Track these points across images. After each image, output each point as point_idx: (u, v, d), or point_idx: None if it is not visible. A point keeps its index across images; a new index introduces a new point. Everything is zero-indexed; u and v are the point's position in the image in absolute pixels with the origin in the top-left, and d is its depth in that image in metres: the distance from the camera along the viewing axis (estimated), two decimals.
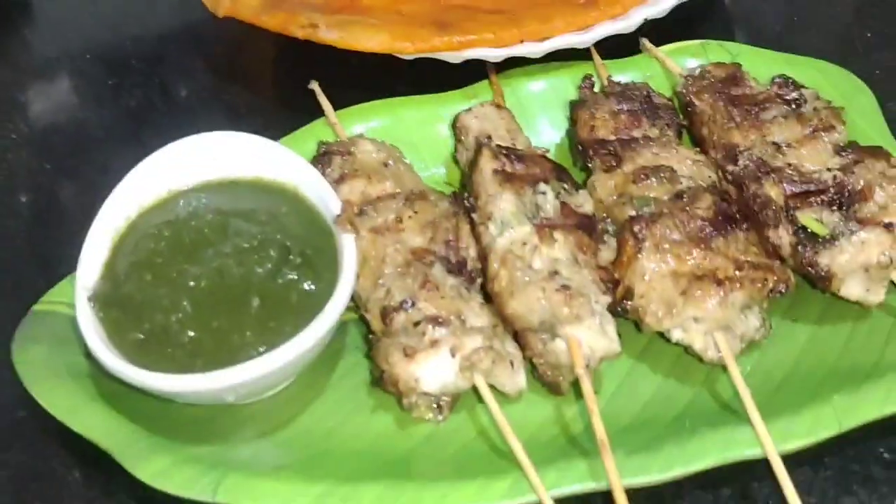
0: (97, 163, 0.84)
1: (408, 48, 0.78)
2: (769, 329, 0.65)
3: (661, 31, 0.82)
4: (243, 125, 0.84)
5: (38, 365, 0.65)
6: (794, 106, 0.72)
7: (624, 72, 0.80)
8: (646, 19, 0.80)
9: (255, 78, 0.92)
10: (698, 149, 0.74)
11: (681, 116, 0.76)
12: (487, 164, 0.68)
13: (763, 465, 0.59)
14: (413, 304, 0.64)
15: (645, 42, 0.81)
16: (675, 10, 0.82)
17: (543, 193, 0.67)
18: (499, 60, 0.79)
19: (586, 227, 0.66)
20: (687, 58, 0.81)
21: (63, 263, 0.74)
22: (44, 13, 1.01)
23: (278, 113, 0.87)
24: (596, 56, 0.80)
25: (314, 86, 0.80)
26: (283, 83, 0.90)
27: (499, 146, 0.70)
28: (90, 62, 0.94)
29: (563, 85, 0.80)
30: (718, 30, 0.90)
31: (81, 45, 0.96)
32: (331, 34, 0.79)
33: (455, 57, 0.78)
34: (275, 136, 0.79)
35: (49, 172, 0.84)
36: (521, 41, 0.78)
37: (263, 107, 0.88)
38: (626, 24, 0.79)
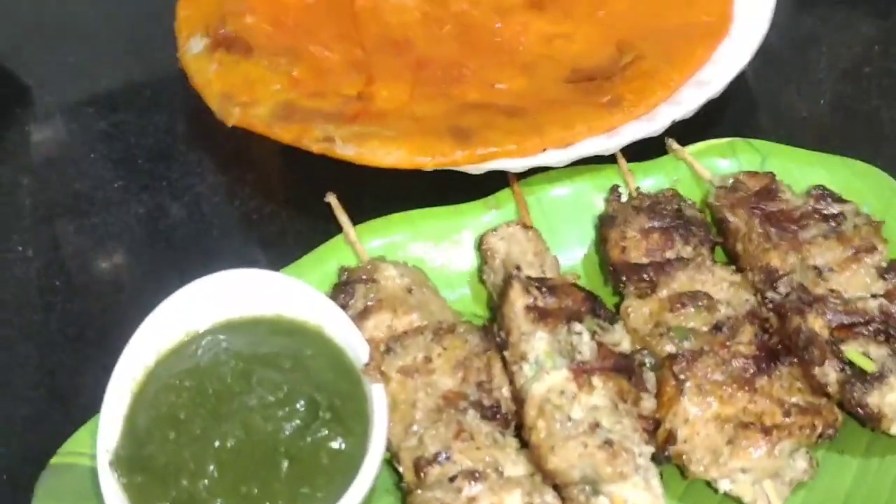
0: (109, 280, 0.82)
1: (427, 163, 0.75)
2: (816, 469, 0.63)
3: (686, 123, 0.79)
4: (258, 233, 0.84)
5: None
6: (833, 223, 0.69)
7: (650, 175, 0.78)
8: (673, 121, 0.77)
9: (268, 179, 0.88)
10: (734, 267, 0.71)
11: (714, 231, 0.73)
12: (519, 300, 0.66)
13: None
14: (448, 457, 0.61)
15: (671, 143, 0.79)
16: None
17: (579, 334, 0.64)
18: (522, 171, 0.76)
19: (625, 369, 0.63)
20: (715, 158, 0.78)
21: (80, 394, 0.73)
22: (43, 102, 0.98)
23: (293, 218, 0.84)
24: (621, 160, 0.77)
25: (331, 199, 0.77)
26: (297, 184, 0.86)
27: (529, 278, 0.67)
28: (95, 161, 0.91)
29: (588, 191, 0.78)
30: (744, 119, 0.86)
31: (85, 140, 0.93)
32: (347, 150, 0.76)
33: (477, 169, 0.76)
34: (291, 247, 0.78)
35: (60, 290, 0.81)
36: (544, 149, 0.76)
37: (277, 210, 0.85)
38: (653, 127, 0.77)
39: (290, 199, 0.86)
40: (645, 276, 0.69)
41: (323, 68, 0.86)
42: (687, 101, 0.78)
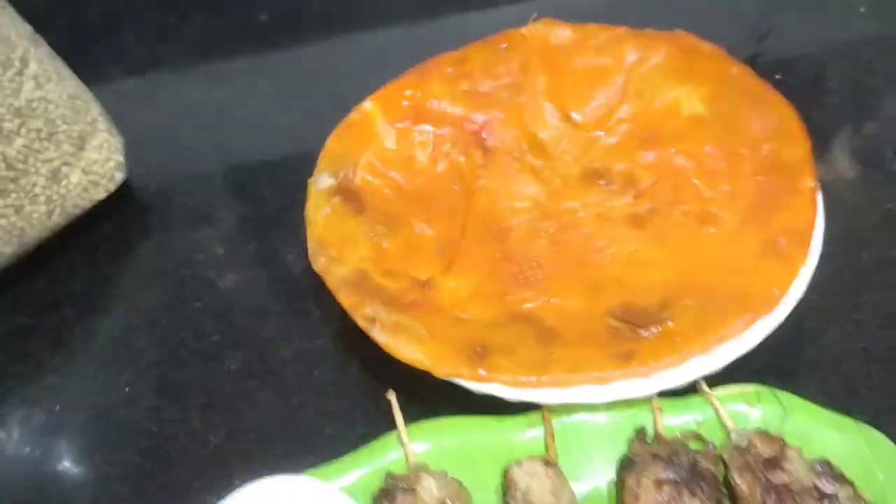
0: (197, 429, 0.93)
1: (437, 371, 0.85)
2: None
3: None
4: (329, 406, 0.94)
5: None
6: (826, 503, 0.76)
7: (679, 413, 0.85)
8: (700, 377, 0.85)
9: (344, 353, 0.97)
10: None
11: (723, 489, 0.81)
12: None
13: None
14: None
15: (701, 384, 0.86)
16: None
17: None
18: (514, 400, 0.84)
19: None
20: (741, 404, 0.85)
21: None
22: (161, 245, 1.10)
23: (360, 399, 0.94)
24: (654, 399, 0.85)
25: (392, 397, 0.87)
26: (368, 370, 0.95)
27: None
28: (198, 310, 1.03)
29: (617, 422, 0.85)
30: (779, 360, 0.92)
31: (191, 289, 1.05)
32: (381, 336, 0.86)
33: (477, 388, 0.85)
34: (355, 431, 0.91)
35: (155, 435, 0.94)
36: (540, 387, 0.84)
37: (348, 387, 0.95)
38: (681, 379, 0.84)
39: (361, 380, 0.95)
40: None
41: (413, 245, 0.97)
42: (717, 358, 0.85)
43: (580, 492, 0.82)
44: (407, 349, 0.86)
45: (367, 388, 0.94)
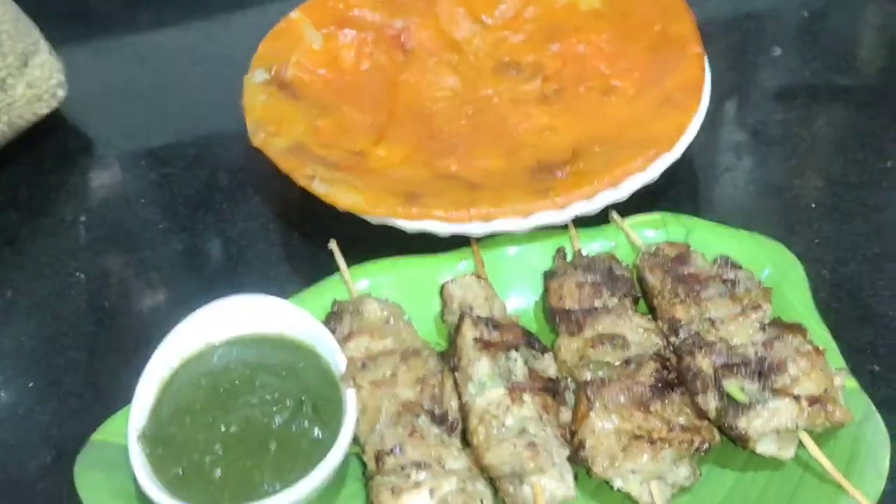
0: (148, 302, 1.00)
1: (374, 212, 0.93)
2: (698, 476, 0.78)
3: (630, 200, 0.96)
4: (275, 270, 1.01)
5: (96, 488, 0.79)
6: (729, 286, 0.85)
7: (594, 240, 0.94)
8: (610, 203, 0.94)
9: (285, 228, 1.05)
10: (650, 315, 0.88)
11: (637, 288, 0.90)
12: (469, 332, 0.83)
13: None
14: (401, 451, 0.78)
15: (613, 214, 0.95)
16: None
17: (515, 360, 0.81)
18: (447, 235, 0.93)
19: (550, 390, 0.80)
20: (648, 229, 0.95)
21: (119, 391, 0.89)
22: (103, 154, 1.17)
23: (303, 259, 1.02)
24: (571, 227, 0.94)
25: (333, 245, 0.95)
26: (308, 233, 1.03)
27: (479, 317, 0.84)
28: (143, 205, 1.10)
29: (540, 250, 0.94)
30: (682, 197, 1.03)
31: (136, 188, 1.12)
32: (321, 188, 0.94)
33: (410, 226, 0.93)
34: (299, 281, 0.96)
35: (108, 309, 0.99)
36: (470, 221, 0.92)
37: (291, 252, 1.03)
38: (592, 206, 0.93)
39: (302, 243, 1.03)
40: (574, 319, 0.85)
41: (345, 126, 1.05)
42: (624, 187, 0.95)
43: (508, 309, 0.91)
44: (345, 196, 0.94)
45: (308, 255, 1.02)
